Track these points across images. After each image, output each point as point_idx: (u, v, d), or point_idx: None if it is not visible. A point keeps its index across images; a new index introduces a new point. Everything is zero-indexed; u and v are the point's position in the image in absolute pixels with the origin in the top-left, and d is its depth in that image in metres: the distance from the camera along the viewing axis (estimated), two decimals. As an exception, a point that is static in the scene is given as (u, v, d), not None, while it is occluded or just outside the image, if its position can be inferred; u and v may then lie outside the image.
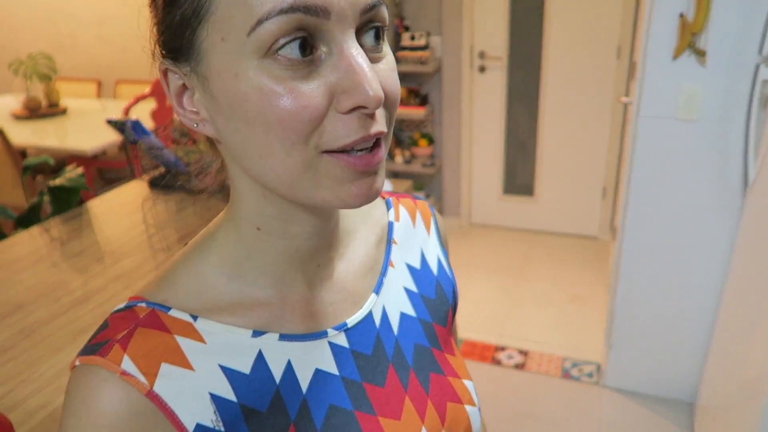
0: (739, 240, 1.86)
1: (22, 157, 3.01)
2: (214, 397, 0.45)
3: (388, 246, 0.61)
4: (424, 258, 0.64)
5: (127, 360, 0.42)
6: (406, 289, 0.60)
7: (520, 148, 3.43)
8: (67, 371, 1.09)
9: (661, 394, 2.22)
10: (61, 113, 3.60)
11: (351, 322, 0.53)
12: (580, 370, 2.38)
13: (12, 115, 3.55)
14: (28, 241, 1.69)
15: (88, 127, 3.32)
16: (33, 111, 3.54)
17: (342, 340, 0.52)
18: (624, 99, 2.28)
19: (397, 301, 0.58)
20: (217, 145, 0.49)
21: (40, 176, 3.38)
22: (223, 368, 0.46)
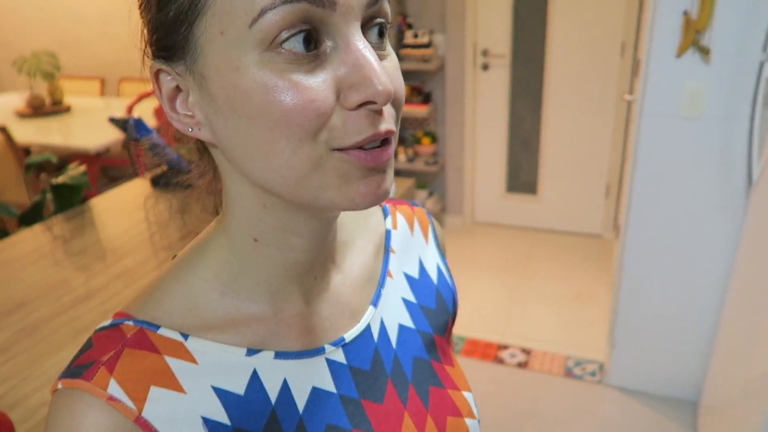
0: (742, 238, 1.85)
1: (26, 155, 3.02)
2: (206, 421, 0.43)
3: (386, 255, 0.59)
4: (422, 267, 0.62)
5: (114, 384, 0.40)
6: (405, 300, 0.58)
7: (523, 146, 3.42)
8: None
9: (664, 393, 2.21)
10: (64, 111, 3.61)
11: (349, 336, 0.51)
12: (583, 369, 2.38)
13: (16, 113, 3.56)
14: (31, 239, 1.70)
15: (92, 125, 3.33)
16: (37, 109, 3.55)
17: (340, 356, 0.50)
18: (627, 97, 2.27)
19: (396, 313, 0.57)
20: (211, 152, 0.46)
21: (44, 174, 3.39)
22: (216, 390, 0.44)
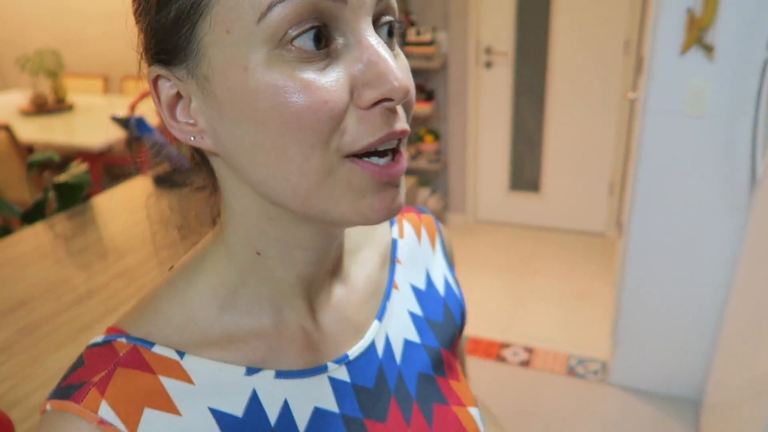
0: (746, 237, 1.84)
1: (29, 153, 3.02)
2: None
3: (392, 266, 0.56)
4: (429, 278, 0.59)
5: (105, 406, 0.38)
6: (411, 313, 0.56)
7: (527, 144, 3.41)
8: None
9: (667, 392, 2.21)
10: (67, 109, 3.62)
11: (353, 354, 0.49)
12: (586, 368, 2.37)
13: (19, 111, 3.56)
14: (33, 237, 1.70)
15: (95, 123, 3.33)
16: (40, 107, 3.55)
17: (343, 374, 0.48)
18: (631, 95, 2.26)
19: (401, 327, 0.55)
20: (211, 162, 0.44)
21: (47, 172, 3.39)
22: (214, 411, 0.42)
